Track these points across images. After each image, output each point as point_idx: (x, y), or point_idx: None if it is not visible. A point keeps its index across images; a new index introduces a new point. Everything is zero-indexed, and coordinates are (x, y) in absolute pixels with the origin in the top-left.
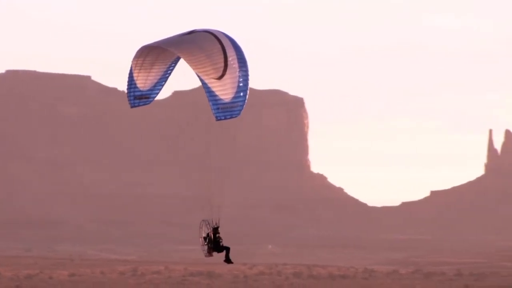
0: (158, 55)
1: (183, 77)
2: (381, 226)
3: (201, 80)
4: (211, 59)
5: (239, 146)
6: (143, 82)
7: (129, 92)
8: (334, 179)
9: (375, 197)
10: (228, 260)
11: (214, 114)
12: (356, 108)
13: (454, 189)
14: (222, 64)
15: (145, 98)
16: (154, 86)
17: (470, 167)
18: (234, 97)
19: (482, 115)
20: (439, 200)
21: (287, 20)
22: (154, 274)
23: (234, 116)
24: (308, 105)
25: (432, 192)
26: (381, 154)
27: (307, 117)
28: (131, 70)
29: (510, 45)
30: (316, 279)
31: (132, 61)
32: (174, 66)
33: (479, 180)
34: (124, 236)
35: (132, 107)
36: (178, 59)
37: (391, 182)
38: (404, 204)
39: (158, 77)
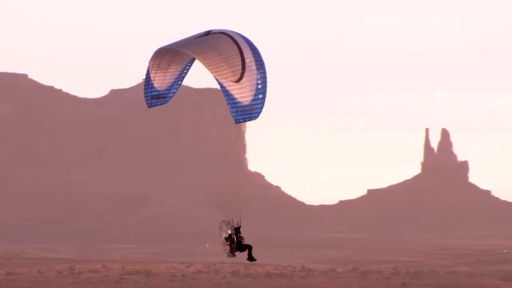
0: (175, 56)
1: (121, 75)
2: (318, 224)
3: (219, 83)
4: (229, 62)
5: (178, 145)
6: (160, 82)
7: (146, 92)
8: (272, 178)
9: (313, 195)
10: (251, 258)
11: (233, 117)
12: (294, 107)
13: (391, 188)
14: (240, 67)
15: (162, 97)
16: (171, 86)
17: (407, 166)
18: (253, 100)
19: (419, 114)
20: (376, 198)
21: (218, 18)
22: (92, 273)
23: (253, 118)
24: None
25: (369, 191)
26: (318, 152)
27: None
28: (148, 70)
29: (446, 45)
30: (254, 277)
31: (149, 62)
32: (190, 66)
33: (415, 178)
34: (62, 235)
35: (149, 107)
36: (194, 60)
37: (329, 180)
38: (341, 203)
39: (175, 77)
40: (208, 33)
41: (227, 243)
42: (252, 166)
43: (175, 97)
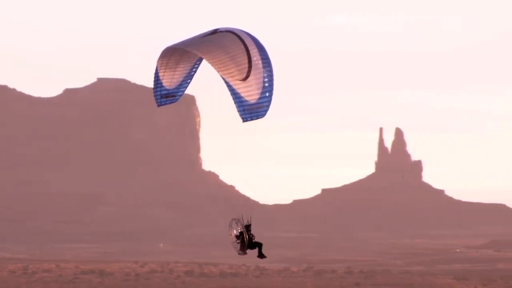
0: (182, 54)
1: (75, 75)
2: (272, 224)
3: (225, 82)
4: (235, 60)
5: (132, 145)
6: (169, 81)
7: (155, 91)
8: (226, 177)
9: (267, 195)
10: (261, 256)
11: (240, 115)
12: None
13: (345, 187)
14: (246, 65)
15: (172, 96)
16: (180, 84)
17: (361, 165)
18: (259, 98)
19: (373, 114)
20: (330, 198)
21: (176, 17)
22: (45, 272)
23: (260, 117)
24: (199, 103)
25: (323, 190)
26: (273, 152)
27: (198, 115)
28: (156, 70)
29: (401, 45)
30: (208, 277)
31: (157, 61)
32: (199, 64)
33: (369, 178)
34: (16, 234)
35: (159, 105)
36: (202, 58)
37: (283, 180)
38: (295, 202)
39: (184, 75)
40: (214, 31)
41: (238, 241)
42: (206, 166)
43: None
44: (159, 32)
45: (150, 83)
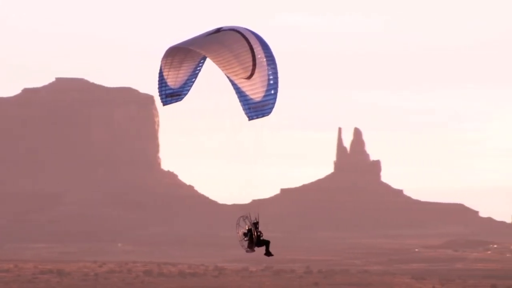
0: (186, 54)
1: (33, 74)
2: (231, 223)
3: (230, 80)
4: (240, 59)
5: (91, 144)
6: (173, 81)
7: (160, 90)
8: (185, 177)
9: (226, 194)
10: (268, 253)
11: (246, 114)
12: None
13: (304, 187)
14: (251, 64)
15: (177, 95)
16: (185, 83)
17: (320, 165)
18: (264, 96)
19: (331, 114)
20: (289, 197)
21: (136, 18)
22: (3, 272)
23: (265, 114)
24: (158, 103)
25: (282, 190)
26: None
27: (157, 115)
28: (160, 69)
29: (359, 45)
30: (167, 277)
31: (161, 61)
32: (203, 63)
33: (328, 177)
34: None
35: (164, 105)
36: (206, 56)
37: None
38: (254, 202)
39: (188, 74)
40: (218, 30)
41: (245, 239)
42: (165, 165)
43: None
44: (118, 31)
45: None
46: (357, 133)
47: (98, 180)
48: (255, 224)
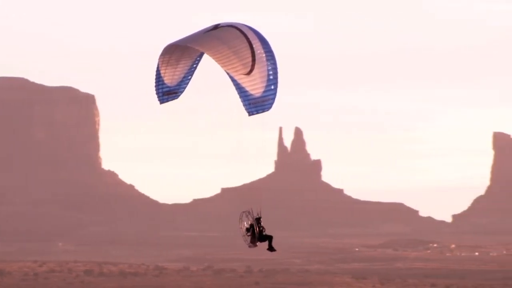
0: (184, 51)
1: None
2: (172, 223)
3: (230, 76)
4: (239, 55)
5: (31, 144)
6: (170, 78)
7: (157, 88)
8: (125, 176)
9: (167, 194)
10: (271, 249)
11: (246, 109)
12: (146, 105)
13: (245, 186)
14: (250, 59)
15: (174, 93)
16: (181, 81)
17: (260, 164)
18: (264, 91)
19: (272, 112)
20: (229, 197)
21: (77, 17)
22: None
23: (265, 110)
24: (99, 102)
25: (223, 189)
26: (172, 151)
27: (98, 114)
28: (157, 67)
29: (300, 45)
30: (107, 276)
31: (159, 59)
32: (199, 60)
33: (269, 177)
34: None
35: (161, 103)
36: (203, 53)
37: (182, 179)
38: (195, 201)
39: (185, 72)
40: (216, 27)
41: (248, 234)
42: (106, 165)
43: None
44: (59, 31)
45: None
46: (298, 132)
47: (39, 179)
48: (258, 220)
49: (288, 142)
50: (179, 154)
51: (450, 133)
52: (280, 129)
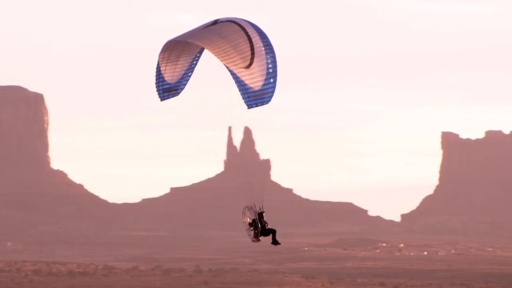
0: (184, 47)
1: None
2: (121, 222)
3: (229, 70)
4: (238, 49)
5: None
6: (170, 75)
7: (157, 86)
8: (75, 176)
9: (116, 193)
10: (275, 242)
11: (245, 103)
12: (95, 104)
13: (194, 186)
14: (249, 53)
15: (174, 90)
16: (182, 78)
17: (210, 164)
18: (264, 84)
19: (221, 112)
20: (179, 196)
21: (25, 16)
22: None
23: (265, 103)
24: (48, 102)
25: (172, 189)
26: (121, 150)
27: (47, 114)
28: (158, 64)
29: None
30: (56, 276)
31: (159, 56)
32: (199, 57)
33: (218, 176)
34: None
35: (162, 100)
36: (203, 50)
37: (132, 179)
38: (144, 201)
39: (185, 68)
40: (215, 22)
41: (251, 228)
42: (55, 164)
43: None
44: (6, 28)
45: None
46: (247, 132)
47: None
48: (260, 214)
49: (237, 142)
50: (128, 154)
51: (400, 133)
52: (230, 128)
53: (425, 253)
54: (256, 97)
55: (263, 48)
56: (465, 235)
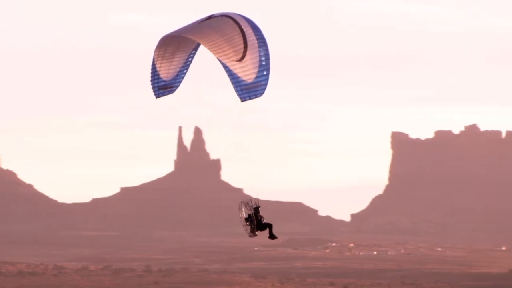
0: (179, 44)
1: None
2: (71, 222)
3: (222, 63)
4: (231, 42)
5: None
6: (166, 72)
7: (153, 83)
8: (24, 176)
9: (66, 193)
10: (272, 237)
11: (238, 95)
12: (46, 104)
13: (145, 186)
14: (242, 46)
15: (169, 87)
16: (177, 75)
17: (160, 164)
18: (256, 77)
19: (172, 112)
20: (129, 196)
21: None
22: None
23: (258, 95)
24: None
25: (123, 189)
26: (70, 150)
27: None
28: (153, 61)
29: None
30: (5, 276)
31: (154, 52)
32: (194, 54)
33: (169, 176)
34: None
35: (157, 97)
36: (198, 46)
37: (81, 178)
38: (94, 201)
39: (180, 65)
40: (210, 17)
41: (247, 223)
42: (5, 164)
43: None
44: None
45: None
46: (198, 132)
47: None
48: (256, 209)
49: (187, 142)
50: (78, 154)
51: (350, 133)
52: (180, 128)
53: (375, 252)
54: (249, 90)
55: (256, 41)
56: (415, 234)
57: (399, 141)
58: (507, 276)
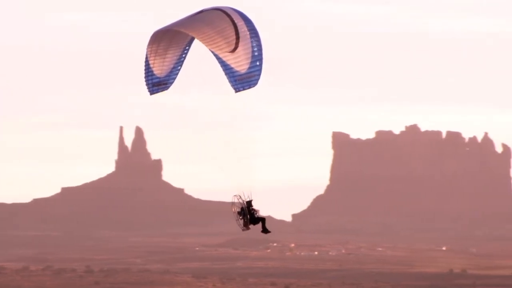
0: (171, 39)
1: None
2: (11, 222)
3: (215, 55)
4: (223, 34)
5: None
6: (159, 68)
7: (146, 79)
8: None
9: (5, 193)
10: (265, 230)
11: (232, 86)
12: None
13: (86, 186)
14: (234, 37)
15: (163, 84)
16: (171, 71)
17: (101, 164)
18: (250, 68)
19: (113, 112)
20: (70, 196)
21: None
22: None
23: (252, 86)
24: None
25: (63, 189)
26: (10, 150)
27: None
28: (146, 57)
29: (139, 43)
30: None
31: (147, 48)
32: (188, 49)
33: (110, 176)
34: None
35: (151, 94)
36: (191, 41)
37: (22, 178)
38: (35, 201)
39: (174, 61)
40: (201, 11)
41: (240, 217)
42: None
43: None
44: None
45: None
46: (139, 132)
47: None
48: (249, 203)
49: (128, 142)
50: (18, 153)
51: (290, 133)
52: (121, 128)
53: (316, 252)
54: (242, 80)
55: (248, 33)
56: (356, 235)
57: (340, 141)
58: (447, 275)
